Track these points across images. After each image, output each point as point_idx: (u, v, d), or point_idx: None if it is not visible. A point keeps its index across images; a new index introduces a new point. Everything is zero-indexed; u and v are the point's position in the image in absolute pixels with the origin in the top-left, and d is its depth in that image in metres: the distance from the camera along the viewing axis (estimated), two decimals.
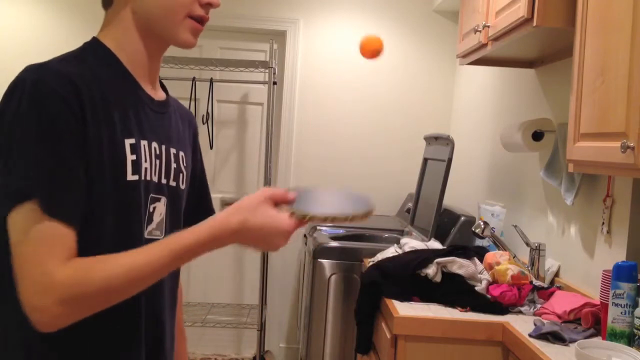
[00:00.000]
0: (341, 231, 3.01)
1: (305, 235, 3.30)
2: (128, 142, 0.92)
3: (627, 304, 1.43)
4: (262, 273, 3.40)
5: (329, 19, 3.62)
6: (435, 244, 2.33)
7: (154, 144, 0.98)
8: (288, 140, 3.64)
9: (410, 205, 3.17)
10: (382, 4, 3.62)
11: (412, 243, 2.26)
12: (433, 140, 2.86)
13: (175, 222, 1.04)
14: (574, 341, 1.49)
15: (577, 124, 1.49)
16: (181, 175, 1.05)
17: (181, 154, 1.06)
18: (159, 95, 1.05)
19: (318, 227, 3.05)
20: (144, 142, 0.95)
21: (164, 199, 1.00)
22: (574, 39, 1.53)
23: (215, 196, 3.75)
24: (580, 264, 1.92)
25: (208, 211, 1.23)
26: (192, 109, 3.60)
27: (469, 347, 1.71)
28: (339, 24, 3.62)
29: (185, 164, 1.07)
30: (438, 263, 1.92)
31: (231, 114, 3.75)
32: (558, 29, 1.67)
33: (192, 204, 1.16)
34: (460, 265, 1.91)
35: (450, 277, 1.90)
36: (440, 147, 2.71)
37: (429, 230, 2.57)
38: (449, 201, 3.21)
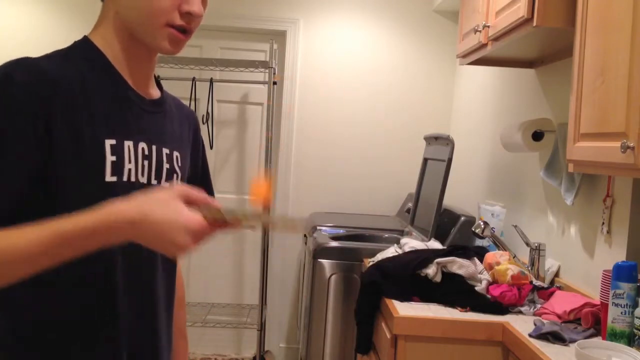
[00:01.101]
0: (341, 231, 3.01)
1: (305, 235, 3.30)
2: (108, 142, 0.90)
3: (627, 304, 1.43)
4: (262, 273, 3.40)
5: (329, 19, 3.62)
6: (435, 244, 2.33)
7: (142, 145, 0.96)
8: (288, 140, 3.64)
9: (410, 205, 3.17)
10: (382, 4, 3.62)
11: (412, 243, 2.26)
12: (433, 140, 2.86)
13: None
14: (574, 341, 1.49)
15: (577, 124, 1.49)
16: (175, 175, 1.03)
17: (176, 154, 1.04)
18: (152, 94, 1.03)
19: (318, 227, 3.05)
20: (128, 143, 0.93)
21: None
22: (574, 39, 1.53)
23: (215, 196, 3.74)
24: (580, 264, 1.92)
25: None
26: (192, 109, 3.60)
27: (469, 347, 1.71)
28: (339, 24, 3.62)
29: (180, 164, 1.05)
30: (438, 263, 1.92)
31: (231, 114, 3.75)
32: (558, 29, 1.67)
33: None
34: (460, 265, 1.91)
35: (450, 277, 1.90)
36: (440, 147, 2.71)
37: (429, 230, 2.57)
38: (449, 201, 3.21)
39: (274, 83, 3.37)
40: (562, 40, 1.88)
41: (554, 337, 1.53)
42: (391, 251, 2.28)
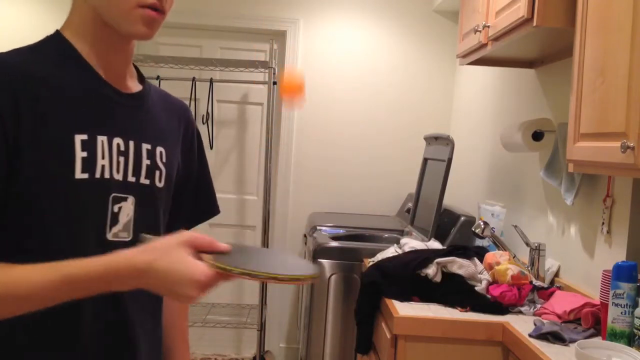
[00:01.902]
0: (341, 231, 3.01)
1: (305, 235, 3.30)
2: (79, 137, 0.87)
3: (627, 304, 1.43)
4: None
5: (329, 19, 3.62)
6: (435, 244, 2.33)
7: (117, 140, 0.92)
8: (288, 140, 3.64)
9: (410, 205, 3.17)
10: (382, 4, 3.62)
11: (412, 243, 2.26)
12: (433, 140, 2.86)
13: (150, 222, 0.97)
14: (574, 341, 1.49)
15: (577, 124, 1.49)
16: (157, 172, 0.98)
17: (159, 149, 0.99)
18: (130, 88, 0.98)
19: (318, 227, 3.05)
20: (101, 138, 0.89)
21: (131, 198, 0.94)
22: (574, 39, 1.53)
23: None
24: (580, 264, 1.92)
25: (209, 211, 1.16)
26: (192, 109, 3.60)
27: (469, 347, 1.71)
28: (339, 24, 3.62)
29: (164, 160, 1.00)
30: (438, 263, 1.92)
31: (231, 114, 3.76)
32: (558, 29, 1.67)
33: (187, 203, 1.10)
34: (460, 265, 1.91)
35: (450, 277, 1.90)
36: (440, 147, 2.71)
37: (429, 230, 2.57)
38: (449, 201, 3.21)
39: (274, 83, 3.37)
40: (562, 40, 1.88)
41: (554, 337, 1.53)
42: (391, 251, 2.28)
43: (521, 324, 1.68)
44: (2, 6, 3.57)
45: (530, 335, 1.56)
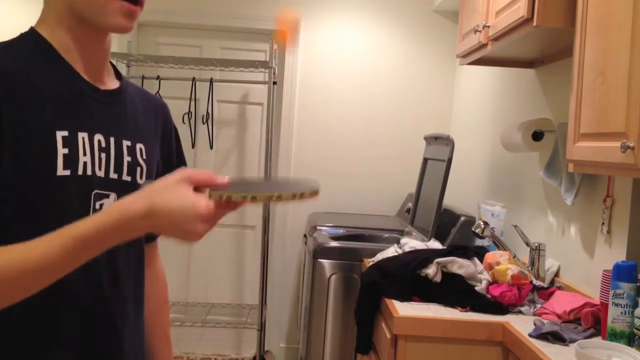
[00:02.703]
0: (341, 231, 3.01)
1: (305, 235, 3.30)
2: (60, 134, 0.85)
3: (627, 304, 1.43)
4: (262, 273, 3.40)
5: (329, 19, 3.62)
6: (435, 244, 2.33)
7: (98, 137, 0.91)
8: (288, 140, 3.64)
9: (410, 205, 3.17)
10: (382, 4, 3.62)
11: (412, 243, 2.26)
12: (433, 140, 2.86)
13: None
14: (574, 341, 1.49)
15: (577, 124, 1.49)
16: (138, 169, 0.98)
17: (139, 146, 0.99)
18: (107, 84, 0.97)
19: (318, 227, 3.05)
20: (82, 134, 0.88)
21: (113, 195, 0.93)
22: (574, 39, 1.53)
23: None
24: (580, 264, 1.92)
25: None
26: (192, 109, 3.60)
27: (469, 347, 1.71)
28: (339, 24, 3.62)
29: (144, 157, 1.00)
30: (438, 263, 1.92)
31: (231, 114, 3.76)
32: (558, 29, 1.67)
33: None
34: (460, 265, 1.91)
35: (450, 277, 1.90)
36: (440, 147, 2.71)
37: (429, 230, 2.57)
38: (449, 201, 3.21)
39: (274, 83, 3.37)
40: (562, 40, 1.88)
41: (554, 337, 1.53)
42: (391, 251, 2.28)
43: (521, 324, 1.68)
44: (3, 6, 3.57)
45: (530, 335, 1.56)
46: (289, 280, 3.70)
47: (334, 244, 2.70)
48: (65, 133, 0.86)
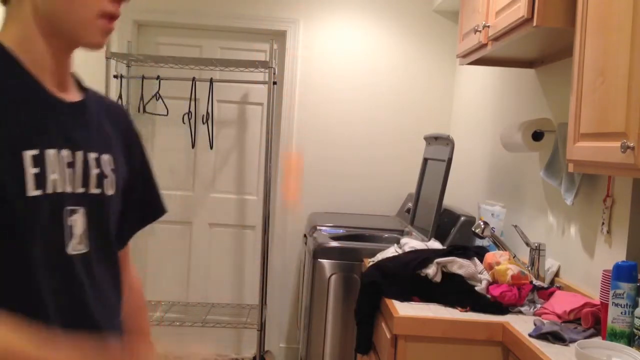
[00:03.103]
0: (341, 231, 3.01)
1: (305, 235, 3.30)
2: (29, 154, 0.82)
3: (627, 304, 1.43)
4: (262, 273, 3.40)
5: (329, 19, 3.62)
6: (435, 244, 2.33)
7: (64, 152, 0.88)
8: (288, 140, 3.64)
9: (410, 205, 3.17)
10: (382, 4, 3.62)
11: (412, 243, 2.26)
12: (433, 140, 2.86)
13: (102, 232, 0.95)
14: (574, 341, 1.49)
15: (577, 124, 1.49)
16: (106, 180, 0.96)
17: (105, 157, 0.96)
18: (71, 97, 0.95)
19: (318, 227, 3.05)
20: (51, 152, 0.86)
21: (82, 210, 0.91)
22: (574, 39, 1.53)
23: (215, 196, 3.76)
24: (580, 264, 1.92)
25: (156, 211, 1.15)
26: (192, 109, 3.60)
27: (469, 347, 1.71)
28: (339, 24, 3.62)
29: (113, 167, 0.98)
30: (438, 263, 1.92)
31: (231, 114, 3.75)
32: (558, 29, 1.67)
33: (134, 205, 1.08)
34: (460, 265, 1.91)
35: (450, 277, 1.90)
36: (440, 147, 2.71)
37: (429, 230, 2.57)
38: (449, 201, 3.21)
39: (274, 83, 3.37)
40: (562, 40, 1.88)
41: (554, 337, 1.53)
42: (391, 251, 2.28)
43: (521, 324, 1.68)
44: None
45: (530, 335, 1.56)
46: (289, 280, 3.70)
47: (334, 244, 2.70)
48: (35, 152, 0.84)
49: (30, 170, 0.83)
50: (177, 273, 3.79)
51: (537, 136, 2.13)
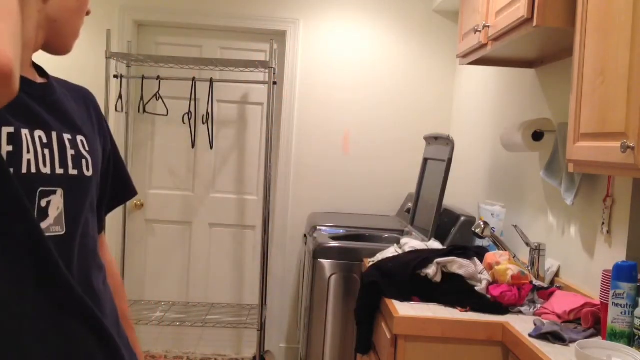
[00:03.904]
0: (341, 231, 3.01)
1: (305, 235, 3.30)
2: (6, 130, 0.83)
3: (627, 304, 1.44)
4: (262, 273, 3.40)
5: (329, 19, 3.62)
6: (435, 244, 2.33)
7: (38, 132, 0.89)
8: (288, 140, 3.64)
9: (410, 205, 3.17)
10: (382, 4, 3.62)
11: (412, 243, 2.26)
12: (433, 140, 2.86)
13: (77, 214, 0.95)
14: (574, 341, 1.49)
15: (577, 124, 1.49)
16: (84, 161, 0.97)
17: (80, 138, 0.97)
18: (37, 78, 0.96)
19: (318, 227, 3.05)
20: (24, 131, 0.86)
21: (60, 191, 0.91)
22: (574, 39, 1.53)
23: (215, 196, 3.76)
24: (580, 264, 1.92)
25: (127, 193, 1.17)
26: (192, 109, 3.60)
27: (469, 347, 1.71)
28: (339, 24, 3.62)
29: (88, 148, 0.99)
30: (438, 263, 1.92)
31: (231, 114, 3.76)
32: (558, 29, 1.67)
33: (107, 187, 1.10)
34: (460, 265, 1.91)
35: (450, 277, 1.90)
36: (440, 147, 2.71)
37: (429, 230, 2.57)
38: (449, 201, 3.21)
39: (274, 83, 3.37)
40: (562, 40, 1.88)
41: (554, 337, 1.53)
42: (391, 251, 2.28)
43: (521, 324, 1.68)
44: None
45: (530, 335, 1.56)
46: (289, 280, 3.70)
47: (334, 244, 2.70)
48: (11, 129, 0.84)
49: (5, 148, 0.83)
50: (177, 273, 3.79)
51: (537, 136, 2.13)
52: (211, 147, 3.64)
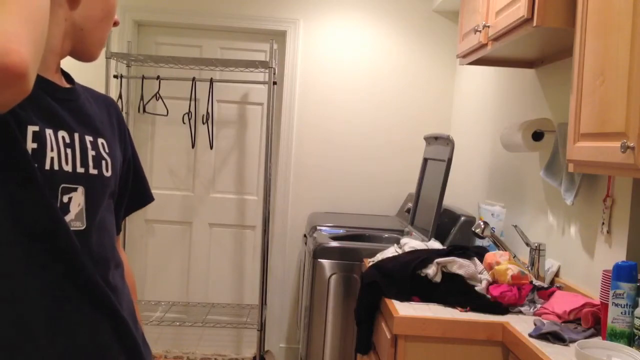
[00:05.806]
0: (341, 231, 3.01)
1: (305, 235, 3.30)
2: (31, 129, 0.88)
3: (627, 304, 1.44)
4: (262, 273, 3.40)
5: (329, 19, 3.62)
6: (435, 244, 2.33)
7: (62, 133, 0.94)
8: (288, 140, 3.64)
9: (410, 205, 3.17)
10: (382, 4, 3.62)
11: (412, 243, 2.26)
12: (433, 140, 2.86)
13: (96, 211, 0.99)
14: (574, 341, 1.49)
15: (577, 124, 1.49)
16: (104, 162, 1.01)
17: (100, 140, 1.02)
18: (64, 83, 1.02)
19: (318, 227, 3.05)
20: (49, 131, 0.91)
21: (81, 189, 0.96)
22: (574, 39, 1.53)
23: (215, 196, 3.76)
24: (580, 264, 1.92)
25: (146, 198, 1.23)
26: (192, 109, 3.60)
27: (469, 347, 1.71)
28: (339, 24, 3.62)
29: (107, 151, 1.04)
30: (438, 263, 1.92)
31: (231, 114, 3.76)
32: (558, 29, 1.67)
33: (127, 191, 1.16)
34: (460, 265, 1.91)
35: (450, 277, 1.90)
36: (440, 147, 2.71)
37: (429, 230, 2.57)
38: (449, 201, 3.21)
39: (274, 83, 3.37)
40: (562, 40, 1.88)
41: (554, 337, 1.53)
42: (391, 251, 2.28)
43: (521, 324, 1.68)
44: None
45: (530, 335, 1.56)
46: (289, 280, 3.70)
47: (334, 244, 2.70)
48: (36, 128, 0.89)
49: (30, 145, 0.87)
50: (177, 273, 3.79)
51: (537, 136, 2.13)
52: (211, 147, 3.64)
